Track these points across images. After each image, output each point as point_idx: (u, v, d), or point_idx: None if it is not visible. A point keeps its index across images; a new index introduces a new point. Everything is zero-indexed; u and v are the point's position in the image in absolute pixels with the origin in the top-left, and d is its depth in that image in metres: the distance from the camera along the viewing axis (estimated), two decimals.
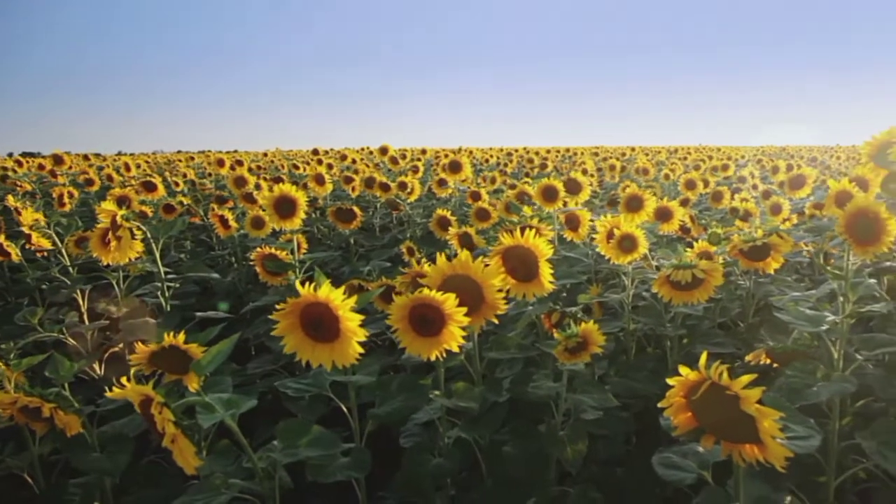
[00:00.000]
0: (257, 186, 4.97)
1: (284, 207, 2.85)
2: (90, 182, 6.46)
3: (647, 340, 2.80)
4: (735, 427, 1.26)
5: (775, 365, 2.01)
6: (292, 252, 3.08)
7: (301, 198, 2.85)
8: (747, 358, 2.10)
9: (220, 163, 7.35)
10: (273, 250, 3.15)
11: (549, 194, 2.99)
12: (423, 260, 2.62)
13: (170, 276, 3.06)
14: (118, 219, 2.41)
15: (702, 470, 1.53)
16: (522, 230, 1.78)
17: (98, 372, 2.71)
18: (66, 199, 4.84)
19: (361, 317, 1.42)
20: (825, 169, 11.77)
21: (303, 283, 1.42)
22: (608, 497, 2.08)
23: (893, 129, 2.10)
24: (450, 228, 3.48)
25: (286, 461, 1.43)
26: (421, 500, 1.87)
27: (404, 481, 1.84)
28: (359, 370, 1.77)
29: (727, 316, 2.84)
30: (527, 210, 3.07)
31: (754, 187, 6.61)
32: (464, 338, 1.57)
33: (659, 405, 1.35)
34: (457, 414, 1.95)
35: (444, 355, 1.59)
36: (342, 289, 1.42)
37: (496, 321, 1.72)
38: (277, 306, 1.38)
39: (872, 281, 1.93)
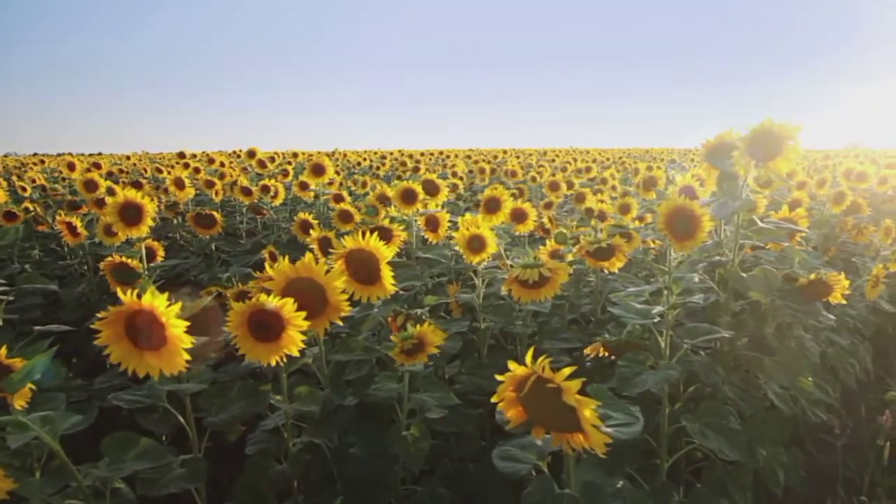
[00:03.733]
0: (110, 191, 4.70)
1: (130, 214, 2.72)
2: None
3: (503, 338, 2.88)
4: (560, 417, 1.31)
5: (613, 357, 2.13)
6: (142, 260, 2.95)
7: (148, 204, 2.73)
8: (586, 351, 2.21)
9: (72, 166, 6.91)
10: (124, 259, 3.00)
11: (407, 197, 3.02)
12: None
13: (1, 289, 2.85)
14: None
15: (538, 461, 1.59)
16: (363, 233, 1.79)
17: None
18: None
19: (187, 323, 1.38)
20: (682, 170, 12.55)
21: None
22: (462, 493, 2.12)
23: (724, 134, 2.26)
24: (311, 232, 3.43)
25: (111, 476, 1.37)
26: None
27: (244, 489, 1.80)
28: (193, 378, 1.72)
29: (577, 312, 2.97)
30: (391, 212, 3.08)
31: (613, 188, 6.97)
32: (311, 341, 1.55)
33: (492, 400, 1.39)
34: (308, 419, 1.93)
35: (285, 360, 1.57)
36: (165, 296, 1.37)
37: (341, 323, 1.73)
38: (99, 314, 1.32)
39: (694, 275, 2.08)
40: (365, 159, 14.05)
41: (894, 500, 2.47)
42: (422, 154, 15.27)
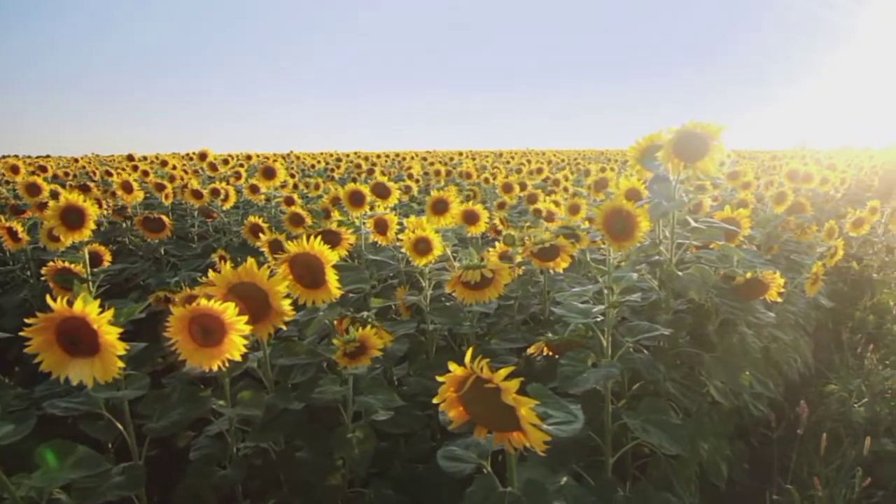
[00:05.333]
0: (54, 194, 4.59)
1: (71, 218, 2.67)
2: None
3: (452, 339, 2.89)
4: (501, 417, 1.33)
5: (557, 356, 2.15)
6: (86, 265, 2.89)
7: (90, 207, 2.68)
8: (529, 350, 2.24)
9: (15, 169, 6.71)
10: (66, 264, 2.94)
11: (355, 199, 3.02)
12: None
13: None
14: None
15: (482, 460, 1.61)
16: (308, 237, 1.79)
17: None
18: None
19: (120, 329, 1.37)
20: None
21: (97, 298, 1.35)
22: (410, 494, 2.13)
23: (654, 136, 2.31)
24: (261, 235, 3.41)
25: (46, 486, 1.34)
26: None
27: (186, 495, 1.78)
28: (132, 384, 1.70)
29: (526, 313, 3.00)
30: (337, 215, 3.08)
31: (566, 190, 7.05)
32: (255, 345, 1.55)
33: (433, 401, 1.40)
34: (252, 423, 1.92)
35: (227, 365, 1.56)
36: (97, 302, 1.36)
37: (285, 327, 1.72)
38: (28, 321, 1.30)
39: (634, 274, 2.12)
40: (320, 161, 13.95)
41: (831, 489, 2.55)
42: (378, 156, 15.24)
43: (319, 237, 1.80)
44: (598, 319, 2.05)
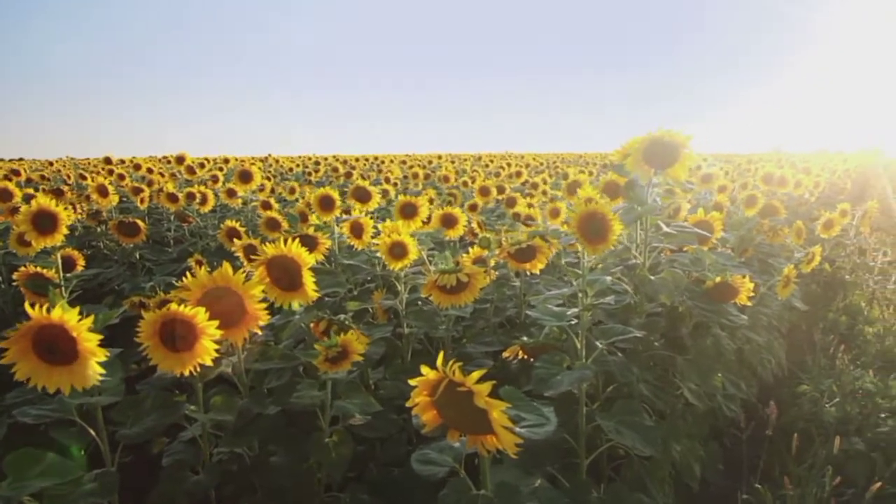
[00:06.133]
0: (27, 199, 4.53)
1: (43, 223, 2.64)
2: None
3: (429, 343, 2.90)
4: (473, 420, 1.34)
5: (532, 359, 2.17)
6: (59, 270, 2.86)
7: (62, 212, 2.66)
8: (504, 354, 2.25)
9: None
10: (38, 269, 2.91)
11: (325, 203, 3.03)
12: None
13: None
14: None
15: (455, 463, 1.61)
16: (285, 240, 1.79)
17: None
18: None
19: (100, 336, 1.37)
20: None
21: (70, 304, 1.35)
22: (386, 498, 2.13)
23: (631, 144, 2.34)
24: (237, 239, 3.40)
25: (14, 496, 1.33)
26: None
27: (159, 501, 1.77)
28: (106, 391, 1.69)
29: (502, 316, 3.02)
30: (313, 219, 3.08)
31: (544, 193, 7.10)
32: (230, 349, 1.55)
33: (406, 405, 1.41)
34: (225, 428, 1.91)
35: (199, 370, 1.56)
36: (77, 309, 1.36)
37: (260, 332, 1.72)
38: (6, 333, 1.29)
39: (608, 277, 2.14)
40: (298, 165, 13.91)
41: (802, 488, 2.59)
42: (356, 160, 15.23)
43: (297, 240, 1.80)
44: (573, 322, 2.07)
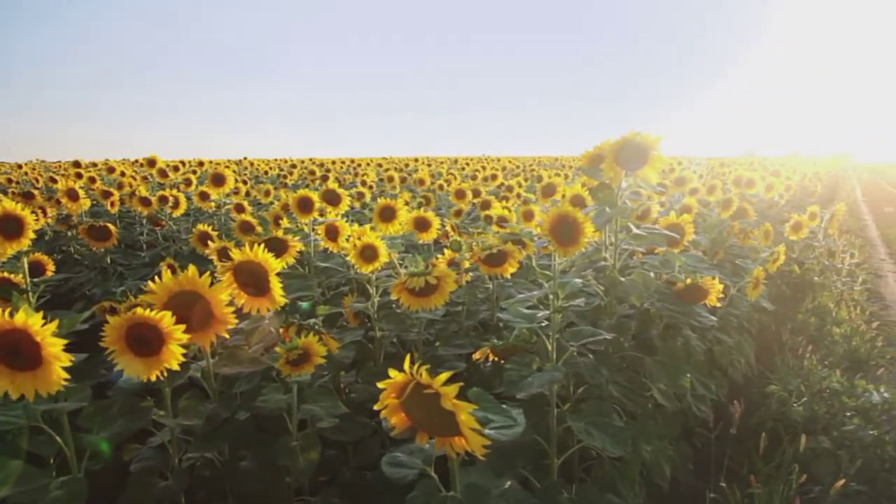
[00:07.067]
0: None
1: (9, 227, 2.60)
2: None
3: (401, 346, 2.90)
4: (441, 422, 1.34)
5: (503, 361, 2.18)
6: (26, 275, 2.82)
7: (28, 216, 2.62)
8: (475, 356, 2.26)
9: None
10: (4, 274, 2.87)
11: (304, 206, 3.02)
12: None
13: None
14: None
15: (426, 465, 1.62)
16: (252, 245, 1.78)
17: None
18: None
19: (65, 341, 1.36)
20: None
21: (38, 309, 1.34)
22: (357, 501, 2.13)
23: (602, 145, 2.36)
24: (210, 243, 3.37)
25: None
26: None
27: None
28: (72, 396, 1.67)
29: (475, 319, 3.02)
30: (285, 223, 3.06)
31: (519, 196, 7.13)
32: (198, 353, 1.54)
33: (374, 408, 1.41)
34: (194, 433, 1.90)
35: (166, 374, 1.55)
36: (41, 314, 1.34)
37: (227, 336, 1.72)
38: None
39: (579, 280, 2.16)
40: (273, 168, 13.83)
41: (769, 486, 2.63)
42: (332, 162, 15.17)
43: (264, 245, 1.80)
44: (543, 324, 2.08)
